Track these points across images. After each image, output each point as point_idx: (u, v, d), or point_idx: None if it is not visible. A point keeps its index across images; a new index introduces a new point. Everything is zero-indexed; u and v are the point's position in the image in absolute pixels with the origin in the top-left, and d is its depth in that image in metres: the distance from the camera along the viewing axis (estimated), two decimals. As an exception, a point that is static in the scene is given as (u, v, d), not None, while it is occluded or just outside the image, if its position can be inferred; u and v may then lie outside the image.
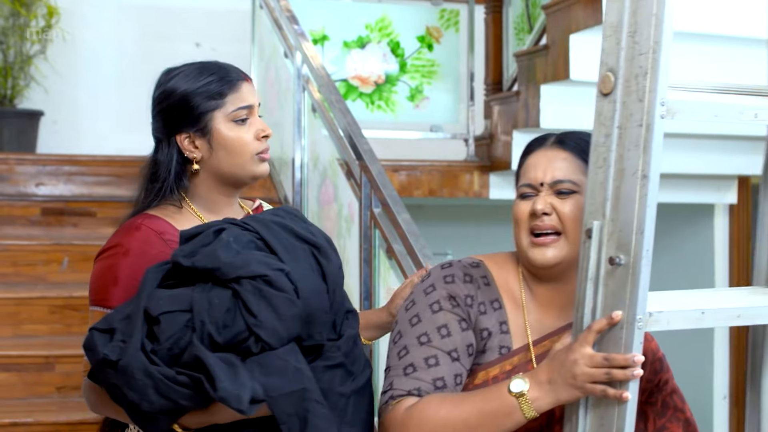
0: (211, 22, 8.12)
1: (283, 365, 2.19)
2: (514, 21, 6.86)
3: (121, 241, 2.49)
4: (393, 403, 2.25)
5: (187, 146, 2.56)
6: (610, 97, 2.05)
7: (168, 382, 2.15)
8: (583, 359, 2.06)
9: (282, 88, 6.24)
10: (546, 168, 2.38)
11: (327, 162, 5.26)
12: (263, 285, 2.20)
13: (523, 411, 2.12)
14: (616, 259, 2.03)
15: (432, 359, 2.28)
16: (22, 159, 6.34)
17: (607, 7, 2.06)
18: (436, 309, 2.33)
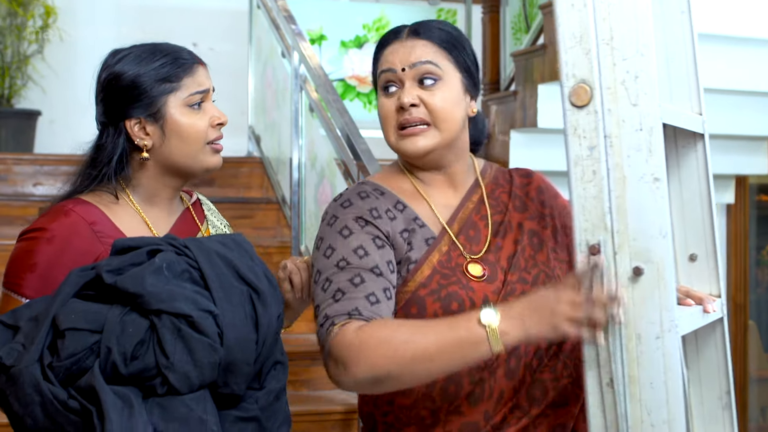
0: (209, 21, 8.12)
1: (187, 413, 2.02)
2: (511, 21, 6.86)
3: (47, 226, 2.32)
4: (335, 327, 2.15)
5: (137, 133, 2.37)
6: (587, 108, 1.99)
7: (57, 404, 2.00)
8: (566, 296, 1.99)
9: (279, 88, 6.24)
10: (404, 54, 2.34)
11: (325, 162, 5.26)
12: (184, 325, 2.02)
13: (491, 343, 2.04)
14: (642, 268, 1.97)
15: (356, 278, 2.21)
16: (19, 159, 6.34)
17: (561, 19, 2.01)
18: (347, 234, 2.27)
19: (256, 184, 6.54)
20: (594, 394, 2.03)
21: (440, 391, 2.29)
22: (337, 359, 2.12)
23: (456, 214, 2.38)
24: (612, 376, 2.00)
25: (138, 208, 2.43)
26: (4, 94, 7.45)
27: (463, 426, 2.28)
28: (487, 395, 2.28)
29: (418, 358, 2.06)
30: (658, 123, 1.97)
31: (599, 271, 1.98)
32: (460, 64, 2.36)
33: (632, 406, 2.00)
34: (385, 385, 2.13)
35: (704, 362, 2.37)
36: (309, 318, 5.28)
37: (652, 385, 1.99)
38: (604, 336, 1.98)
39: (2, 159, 6.27)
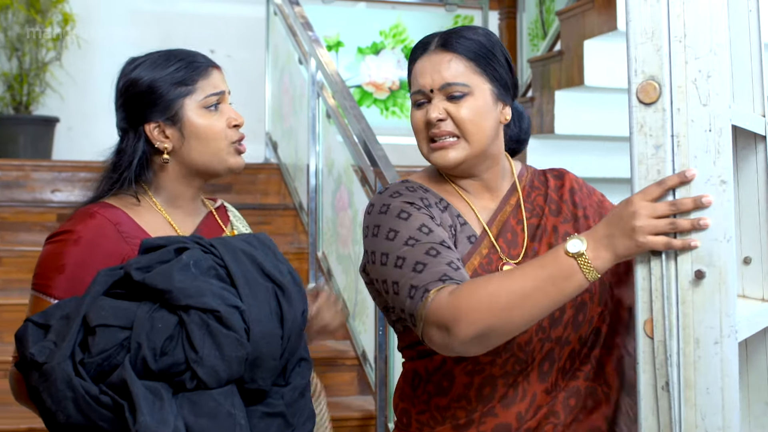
0: (226, 28, 8.14)
1: (216, 408, 2.05)
2: (528, 27, 6.87)
3: (73, 228, 2.36)
4: (430, 294, 2.13)
5: (157, 136, 2.42)
6: (655, 106, 1.95)
7: (89, 399, 2.02)
8: (645, 209, 1.95)
9: (296, 95, 6.25)
10: (433, 73, 2.34)
11: (342, 168, 5.26)
12: (212, 320, 2.05)
13: (584, 272, 2.02)
14: (704, 271, 1.93)
15: (432, 251, 2.21)
16: (37, 165, 6.36)
17: (633, 14, 1.98)
18: (405, 216, 2.28)
19: (273, 190, 6.55)
20: (647, 397, 2.00)
21: (476, 392, 2.30)
22: (439, 325, 2.10)
23: (495, 217, 2.40)
24: (668, 380, 1.97)
25: (161, 210, 2.46)
26: (22, 101, 7.48)
27: (496, 427, 2.29)
28: (520, 398, 2.29)
29: (514, 302, 2.05)
30: (728, 124, 1.94)
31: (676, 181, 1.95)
32: (491, 74, 2.35)
33: (687, 410, 1.96)
34: (491, 340, 2.10)
35: (753, 368, 2.34)
36: (326, 324, 5.26)
37: (708, 390, 1.96)
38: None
39: (21, 165, 6.29)
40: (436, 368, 2.35)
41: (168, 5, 8.17)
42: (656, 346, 1.98)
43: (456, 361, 2.32)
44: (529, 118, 2.51)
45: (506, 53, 2.41)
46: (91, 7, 7.88)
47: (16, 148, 7.27)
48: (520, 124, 2.48)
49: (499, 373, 2.29)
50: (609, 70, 5.35)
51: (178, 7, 8.16)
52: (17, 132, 7.32)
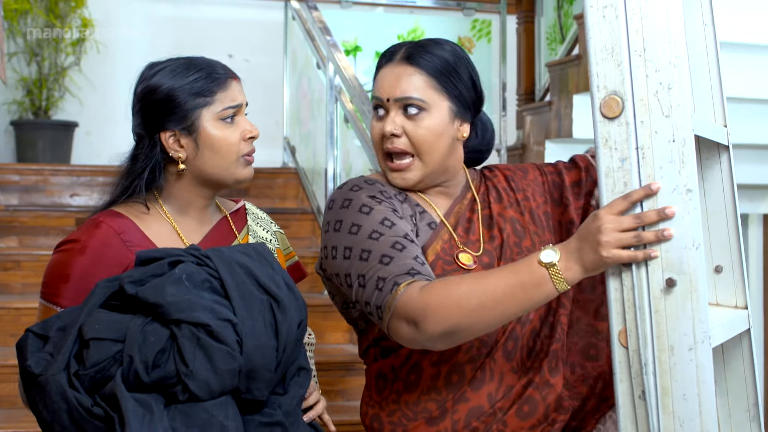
0: (244, 33, 8.15)
1: (208, 419, 2.06)
2: (546, 31, 6.86)
3: (80, 237, 2.41)
4: (399, 287, 2.17)
5: (172, 145, 2.44)
6: (619, 120, 1.99)
7: (82, 411, 2.05)
8: (610, 223, 1.98)
9: (314, 99, 6.25)
10: (393, 85, 2.37)
11: (360, 172, 5.27)
12: (203, 334, 2.07)
13: (554, 282, 2.07)
14: (675, 279, 1.96)
15: (397, 245, 2.25)
16: (56, 170, 6.37)
17: (592, 31, 2.01)
18: (367, 210, 2.31)
19: (291, 194, 6.55)
20: (625, 406, 2.02)
21: (444, 382, 2.34)
22: (407, 319, 2.15)
23: (451, 210, 2.46)
24: (644, 388, 2.00)
25: (170, 218, 2.48)
26: (41, 106, 7.50)
27: (470, 412, 2.32)
28: (488, 378, 2.33)
29: (485, 305, 2.09)
30: (691, 134, 1.97)
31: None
32: (450, 93, 2.38)
33: (665, 418, 1.99)
34: (457, 337, 2.15)
35: (731, 374, 2.37)
36: (345, 329, 5.29)
37: (685, 396, 1.98)
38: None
39: (40, 170, 6.31)
40: (402, 363, 2.39)
41: (187, 10, 8.19)
42: (631, 356, 2.01)
43: (422, 353, 2.36)
44: (493, 129, 2.55)
45: (472, 70, 2.43)
46: (110, 11, 7.90)
47: (35, 153, 7.29)
48: (483, 135, 2.51)
49: (465, 358, 2.34)
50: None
51: (196, 12, 8.18)
52: (36, 136, 7.34)
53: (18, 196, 6.19)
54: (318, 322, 5.14)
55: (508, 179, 2.54)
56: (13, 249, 5.59)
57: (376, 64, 2.47)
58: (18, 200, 6.16)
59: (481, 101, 2.46)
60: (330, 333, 5.16)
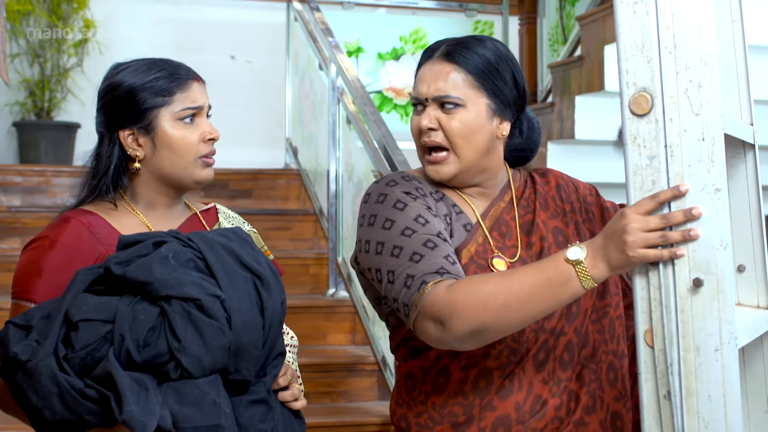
0: (247, 34, 8.15)
1: (201, 396, 2.05)
2: (548, 32, 6.86)
3: (48, 233, 2.40)
4: (427, 286, 2.16)
5: (130, 143, 2.44)
6: (648, 117, 1.97)
7: (74, 393, 2.02)
8: (636, 223, 1.96)
9: (317, 100, 6.26)
10: (430, 82, 2.37)
11: (362, 174, 5.27)
12: (194, 309, 2.06)
13: (581, 279, 2.05)
14: (702, 279, 1.94)
15: (429, 243, 2.24)
16: (59, 171, 6.38)
17: (623, 27, 1.99)
18: (401, 206, 2.30)
19: (293, 195, 6.56)
20: (650, 406, 2.00)
21: (471, 386, 2.32)
22: (434, 318, 2.14)
23: (488, 212, 2.43)
24: (669, 389, 1.98)
25: (138, 213, 2.47)
26: (44, 107, 7.51)
27: (497, 420, 2.30)
28: (517, 388, 2.31)
29: (511, 304, 2.08)
30: (720, 133, 1.94)
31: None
32: (489, 90, 2.37)
33: (689, 419, 1.96)
34: (485, 336, 2.13)
35: (751, 375, 2.35)
36: (347, 330, 5.29)
37: (710, 397, 1.96)
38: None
39: (42, 171, 6.32)
40: (431, 366, 2.37)
41: (189, 11, 8.19)
42: (657, 356, 1.99)
43: (451, 356, 2.34)
44: (539, 128, 2.52)
45: (514, 68, 2.42)
46: (113, 13, 7.91)
47: (37, 154, 7.29)
48: (529, 134, 2.49)
49: (494, 364, 2.32)
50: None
51: (198, 14, 8.18)
52: (39, 138, 7.35)
53: (20, 197, 6.20)
54: (320, 323, 5.15)
55: (560, 188, 2.52)
56: (15, 250, 5.59)
57: (419, 60, 2.45)
58: (20, 201, 6.17)
59: (524, 100, 2.44)
60: (332, 334, 5.17)
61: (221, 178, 6.14)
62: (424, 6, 7.75)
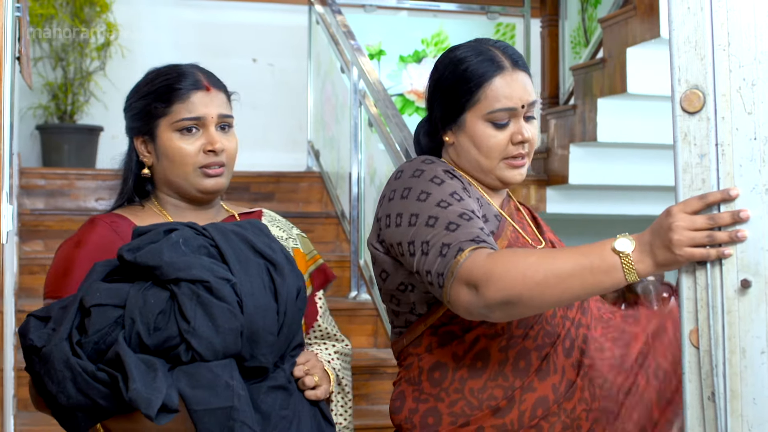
0: (268, 37, 8.16)
1: (213, 379, 2.06)
2: (570, 35, 6.85)
3: (76, 235, 2.47)
4: (464, 252, 2.16)
5: (142, 150, 2.52)
6: (699, 115, 1.94)
7: (86, 376, 2.04)
8: (683, 222, 1.94)
9: (339, 103, 6.26)
10: (522, 90, 2.40)
11: (384, 176, 5.27)
12: (203, 291, 2.08)
13: (625, 271, 2.03)
14: (750, 281, 1.91)
15: (464, 215, 2.24)
16: (81, 174, 6.40)
17: (676, 23, 1.97)
18: (438, 182, 2.32)
19: (315, 198, 6.56)
20: (694, 407, 1.98)
21: (512, 367, 2.33)
22: (468, 282, 2.13)
23: (503, 207, 2.49)
24: (714, 390, 1.95)
25: (166, 215, 2.51)
26: (66, 110, 7.53)
27: (537, 402, 2.32)
28: (553, 370, 2.34)
29: (550, 281, 2.07)
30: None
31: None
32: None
33: (733, 421, 1.94)
34: (515, 309, 2.12)
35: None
36: (370, 332, 5.29)
37: (755, 401, 1.93)
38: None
39: (65, 174, 6.34)
40: (467, 350, 2.36)
41: (211, 15, 8.21)
42: (702, 356, 1.96)
43: (490, 337, 2.35)
44: None
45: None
46: (135, 16, 7.93)
47: (60, 157, 7.32)
48: None
49: (532, 345, 2.34)
50: (652, 78, 5.32)
51: (221, 17, 8.19)
52: (62, 141, 7.37)
53: (44, 200, 6.22)
54: (343, 326, 5.12)
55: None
56: (39, 253, 5.62)
57: (474, 75, 2.41)
58: (44, 204, 6.19)
59: None
60: (354, 337, 5.17)
61: (243, 181, 6.16)
62: (446, 9, 7.74)
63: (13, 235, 4.53)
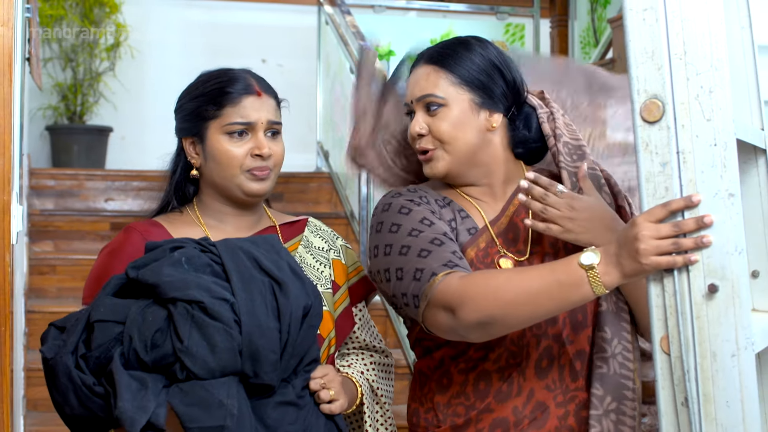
0: (278, 38, 8.17)
1: (207, 397, 2.07)
2: (579, 35, 6.85)
3: (112, 242, 2.50)
4: (438, 277, 2.19)
5: (190, 151, 2.52)
6: (660, 124, 1.96)
7: (86, 390, 2.09)
8: (647, 231, 1.96)
9: (348, 104, 6.26)
10: (414, 86, 2.43)
11: (393, 177, 5.26)
12: (197, 311, 2.09)
13: (592, 285, 2.05)
14: (717, 285, 1.93)
15: (435, 240, 2.27)
16: (91, 175, 6.41)
17: (632, 35, 1.99)
18: (406, 212, 2.34)
19: (324, 199, 6.56)
20: (668, 414, 2.00)
21: (472, 388, 2.35)
22: (445, 306, 2.17)
23: (499, 216, 2.43)
24: (687, 395, 1.97)
25: (203, 224, 2.52)
26: (76, 111, 7.55)
27: (494, 422, 2.32)
28: (516, 392, 2.32)
29: (520, 298, 2.10)
30: (732, 138, 1.94)
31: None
32: (472, 85, 2.40)
33: (707, 425, 1.95)
34: (492, 328, 2.15)
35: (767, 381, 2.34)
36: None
37: (728, 404, 1.95)
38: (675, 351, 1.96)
39: (75, 175, 6.35)
40: (436, 366, 2.41)
41: (220, 15, 8.22)
42: (673, 362, 1.98)
43: (451, 358, 2.37)
44: (535, 121, 2.50)
45: (501, 61, 2.45)
46: (145, 17, 7.95)
47: (70, 158, 7.34)
48: (530, 127, 2.48)
49: (492, 367, 2.34)
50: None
51: (230, 18, 8.21)
52: (71, 141, 7.39)
53: (53, 200, 6.23)
54: (351, 327, 5.15)
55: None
56: (48, 253, 5.63)
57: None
58: (53, 205, 6.21)
59: (517, 91, 2.46)
60: (363, 338, 5.17)
61: (252, 182, 6.16)
62: (455, 9, 7.74)
63: (22, 235, 4.53)
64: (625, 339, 2.32)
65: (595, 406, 2.28)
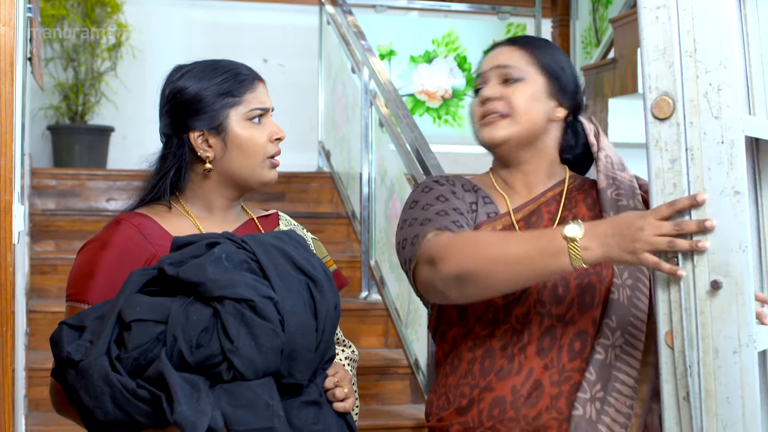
0: (279, 37, 8.17)
1: (254, 399, 2.05)
2: (581, 35, 6.85)
3: (101, 236, 2.42)
4: (429, 235, 2.27)
5: (201, 144, 2.45)
6: (670, 121, 1.99)
7: (126, 393, 2.02)
8: (651, 227, 1.99)
9: (349, 103, 6.26)
10: (493, 58, 2.48)
11: (394, 177, 5.27)
12: (247, 310, 2.06)
13: (571, 257, 2.07)
14: (720, 282, 1.95)
15: (442, 212, 2.33)
16: (93, 174, 6.41)
17: (645, 32, 2.02)
18: (428, 190, 2.42)
19: (326, 198, 6.56)
20: (670, 408, 2.01)
21: (479, 366, 2.37)
22: (428, 259, 2.22)
23: (526, 204, 2.47)
24: (689, 390, 1.99)
25: (193, 216, 2.49)
26: (78, 111, 7.55)
27: (493, 401, 2.34)
28: (516, 371, 2.34)
29: (500, 260, 2.14)
30: (740, 136, 1.95)
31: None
32: (549, 71, 2.47)
33: (708, 420, 1.98)
34: (468, 286, 2.19)
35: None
36: (380, 333, 5.29)
37: (729, 400, 1.97)
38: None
39: (76, 174, 6.35)
40: (450, 349, 2.45)
41: (222, 15, 8.22)
42: (677, 357, 2.00)
43: (462, 337, 2.41)
44: (583, 132, 2.54)
45: (569, 62, 2.55)
46: (146, 17, 7.95)
47: (71, 158, 7.34)
48: (578, 135, 2.52)
49: (498, 345, 2.37)
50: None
51: (231, 17, 8.21)
52: (73, 141, 7.40)
53: (55, 200, 6.23)
54: (354, 326, 5.15)
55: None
56: (50, 253, 5.63)
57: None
58: (55, 205, 6.21)
59: (579, 97, 2.56)
60: (365, 337, 5.17)
61: (254, 181, 6.16)
62: (457, 9, 7.74)
63: (24, 235, 4.54)
64: (629, 334, 2.31)
65: (584, 389, 2.29)
